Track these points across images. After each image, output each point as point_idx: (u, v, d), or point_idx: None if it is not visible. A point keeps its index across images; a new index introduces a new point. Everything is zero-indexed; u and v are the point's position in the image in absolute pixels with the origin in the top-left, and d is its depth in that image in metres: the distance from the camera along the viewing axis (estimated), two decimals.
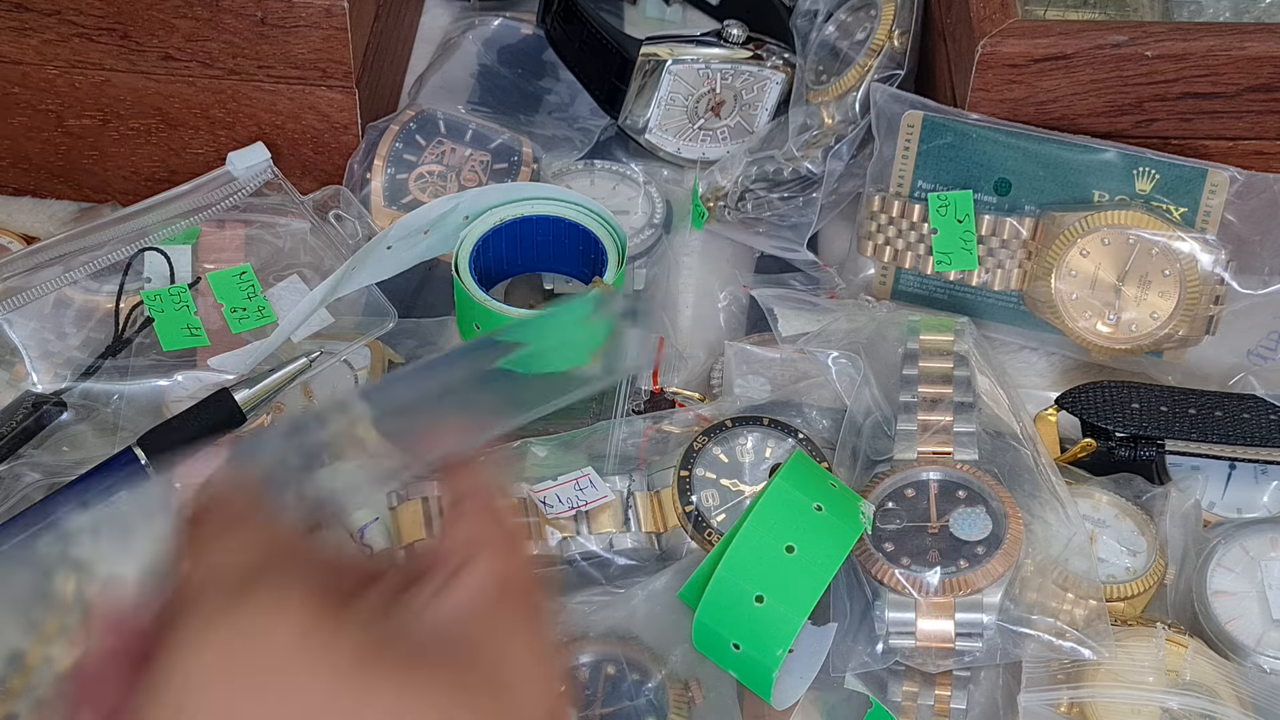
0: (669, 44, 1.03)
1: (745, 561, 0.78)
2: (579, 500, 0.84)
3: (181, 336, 0.91)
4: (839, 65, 1.03)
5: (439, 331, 0.97)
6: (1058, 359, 0.99)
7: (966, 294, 0.98)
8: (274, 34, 0.96)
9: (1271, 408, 0.90)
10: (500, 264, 0.97)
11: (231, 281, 0.93)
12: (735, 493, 0.87)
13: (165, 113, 1.00)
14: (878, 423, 0.88)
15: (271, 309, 0.92)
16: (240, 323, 0.91)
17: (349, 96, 0.99)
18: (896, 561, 0.81)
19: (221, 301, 0.92)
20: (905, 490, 0.84)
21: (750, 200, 1.02)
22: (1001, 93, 0.95)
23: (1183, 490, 0.88)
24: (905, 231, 0.97)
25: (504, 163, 1.02)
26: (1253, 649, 0.82)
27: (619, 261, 0.94)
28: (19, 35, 0.97)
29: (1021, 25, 0.94)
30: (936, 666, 0.81)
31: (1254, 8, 1.01)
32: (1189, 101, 0.95)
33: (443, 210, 0.94)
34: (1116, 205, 0.94)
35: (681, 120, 1.05)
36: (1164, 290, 0.93)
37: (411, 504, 0.83)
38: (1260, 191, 0.93)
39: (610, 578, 0.85)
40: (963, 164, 0.96)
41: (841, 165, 1.01)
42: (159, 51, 0.97)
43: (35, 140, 1.03)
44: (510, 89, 1.11)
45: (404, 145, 1.01)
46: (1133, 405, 0.90)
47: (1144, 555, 0.85)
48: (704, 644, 0.80)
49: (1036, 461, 0.86)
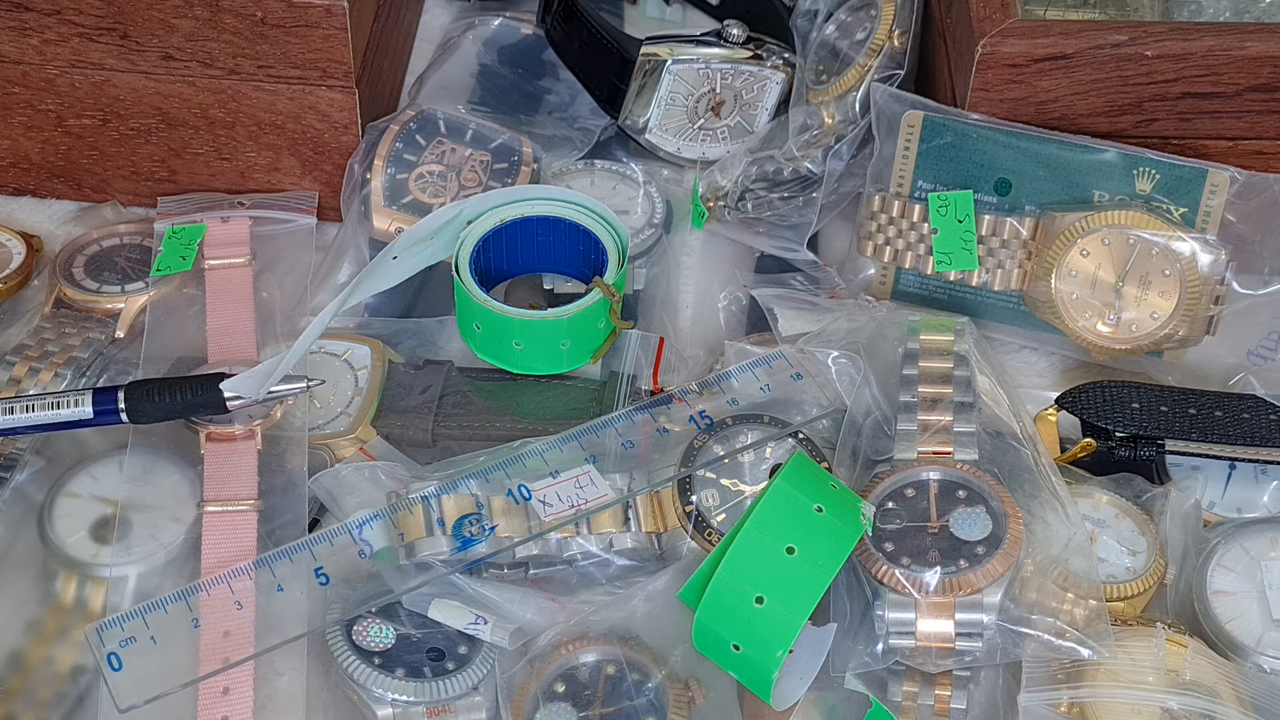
0: (669, 44, 1.03)
1: (745, 562, 0.78)
2: (579, 498, 0.84)
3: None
4: (839, 65, 1.03)
5: (439, 331, 0.97)
6: (1058, 359, 0.99)
7: (966, 294, 0.98)
8: (274, 34, 0.96)
9: (1271, 408, 0.90)
10: (500, 264, 0.97)
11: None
12: (735, 493, 0.87)
13: (165, 113, 1.00)
14: (878, 423, 0.89)
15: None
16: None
17: (349, 96, 0.99)
18: (896, 561, 0.81)
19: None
20: (905, 490, 0.84)
21: (750, 200, 1.02)
22: (1001, 93, 0.95)
23: (1183, 490, 0.88)
24: (905, 231, 0.97)
25: (504, 163, 1.02)
26: (1253, 649, 0.82)
27: (619, 261, 0.94)
28: (19, 35, 0.97)
29: (1021, 25, 0.94)
30: (936, 666, 0.81)
31: (1254, 8, 1.01)
32: (1189, 101, 0.95)
33: (446, 218, 0.94)
34: (1116, 205, 0.94)
35: (681, 120, 1.05)
36: (1164, 290, 0.93)
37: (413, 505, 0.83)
38: (1260, 191, 0.93)
39: (610, 578, 0.86)
40: (963, 164, 0.96)
41: (841, 165, 1.01)
42: (159, 51, 0.97)
43: (35, 140, 1.03)
44: (510, 89, 1.11)
45: (404, 145, 1.01)
46: (1133, 405, 0.90)
47: (1144, 555, 0.85)
48: (704, 644, 0.80)
49: (1036, 461, 0.86)
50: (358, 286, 0.91)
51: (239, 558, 0.83)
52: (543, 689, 0.80)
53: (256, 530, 0.86)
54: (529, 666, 0.81)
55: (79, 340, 0.94)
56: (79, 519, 0.87)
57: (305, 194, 1.03)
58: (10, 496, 0.88)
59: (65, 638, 0.84)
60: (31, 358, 0.93)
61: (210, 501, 0.86)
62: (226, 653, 0.80)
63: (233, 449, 0.89)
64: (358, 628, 0.82)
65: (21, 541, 0.87)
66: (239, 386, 0.87)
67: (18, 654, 0.83)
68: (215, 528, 0.85)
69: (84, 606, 0.85)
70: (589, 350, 0.94)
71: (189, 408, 0.88)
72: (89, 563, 0.85)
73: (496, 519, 0.83)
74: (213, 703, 0.80)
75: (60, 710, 0.82)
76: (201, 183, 1.04)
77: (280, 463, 0.88)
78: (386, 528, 0.83)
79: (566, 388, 0.94)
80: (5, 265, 0.99)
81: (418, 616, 0.82)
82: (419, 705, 0.80)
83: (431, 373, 0.94)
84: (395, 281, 0.95)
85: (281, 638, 0.81)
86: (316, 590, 0.82)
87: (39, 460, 0.89)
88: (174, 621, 0.80)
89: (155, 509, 0.87)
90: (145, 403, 0.87)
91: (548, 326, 0.92)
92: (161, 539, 0.86)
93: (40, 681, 0.83)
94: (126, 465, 0.88)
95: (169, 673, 0.79)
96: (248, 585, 0.81)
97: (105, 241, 1.01)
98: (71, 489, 0.88)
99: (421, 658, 0.81)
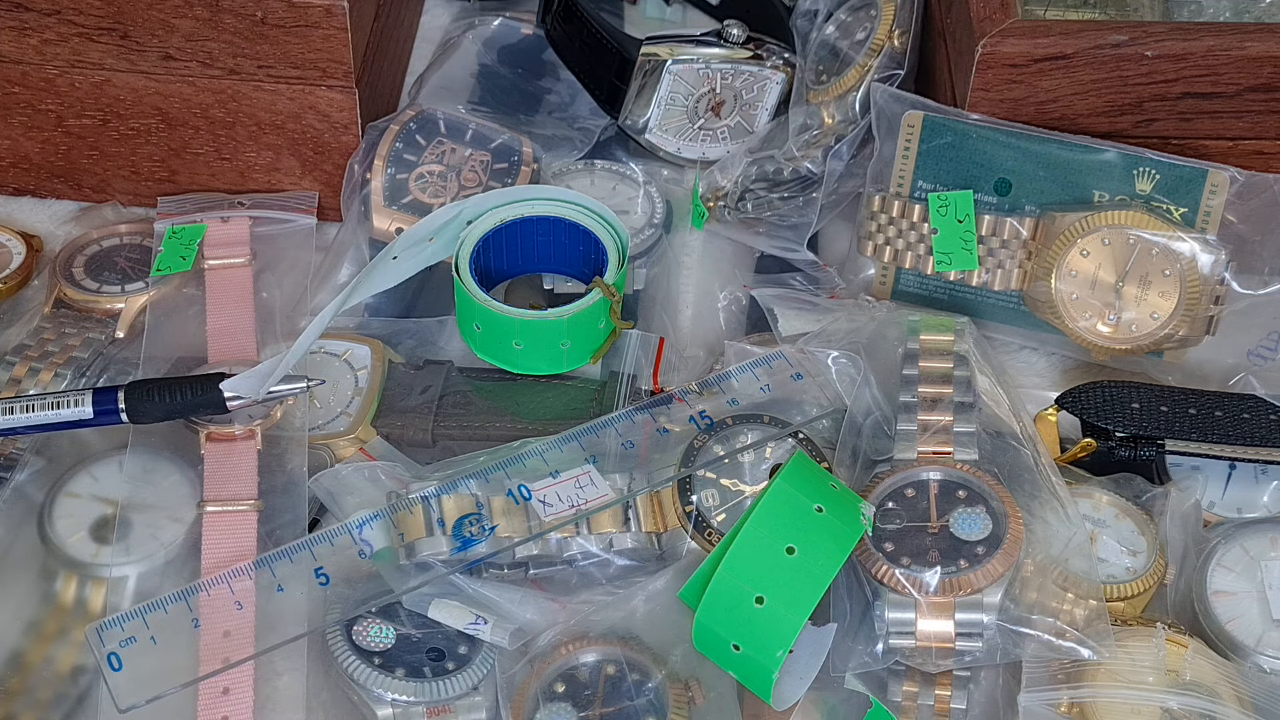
0: (669, 44, 1.03)
1: (745, 562, 0.78)
2: (579, 498, 0.84)
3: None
4: (839, 65, 1.03)
5: (439, 331, 0.97)
6: (1058, 359, 0.99)
7: (966, 294, 0.98)
8: (274, 34, 0.96)
9: (1271, 408, 0.90)
10: (500, 264, 0.97)
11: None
12: (735, 493, 0.87)
13: (165, 113, 1.00)
14: (878, 423, 0.89)
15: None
16: None
17: (349, 96, 0.99)
18: (896, 561, 0.81)
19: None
20: (905, 490, 0.84)
21: (750, 200, 1.02)
22: (1001, 93, 0.95)
23: (1183, 490, 0.88)
24: (905, 231, 0.97)
25: (504, 163, 1.02)
26: (1253, 649, 0.82)
27: (619, 261, 0.94)
28: (19, 35, 0.97)
29: (1021, 25, 0.94)
30: (936, 666, 0.81)
31: (1254, 8, 1.01)
32: (1189, 101, 0.95)
33: (446, 218, 0.94)
34: (1117, 205, 0.94)
35: (681, 120, 1.05)
36: (1164, 290, 0.93)
37: (413, 505, 0.83)
38: (1260, 191, 0.93)
39: (610, 578, 0.85)
40: (963, 164, 0.96)
41: (841, 165, 1.01)
42: (159, 51, 0.97)
43: (35, 140, 1.03)
44: (510, 89, 1.11)
45: (404, 145, 1.01)
46: (1133, 405, 0.90)
47: (1144, 555, 0.85)
48: (704, 644, 0.80)
49: (1036, 461, 0.86)
50: (358, 286, 0.91)
51: (239, 558, 0.83)
52: (543, 689, 0.80)
53: (256, 530, 0.86)
54: (529, 666, 0.81)
55: (79, 340, 0.94)
56: (79, 519, 0.87)
57: (305, 194, 1.03)
58: (10, 496, 0.88)
59: (65, 638, 0.84)
60: (31, 358, 0.93)
61: (210, 501, 0.86)
62: (226, 653, 0.80)
63: (233, 449, 0.89)
64: (358, 628, 0.82)
65: (21, 541, 0.87)
66: (239, 386, 0.87)
67: (18, 654, 0.83)
68: (215, 528, 0.86)
69: (84, 606, 0.85)
70: (589, 350, 0.94)
71: (189, 408, 0.88)
72: (89, 563, 0.85)
73: (496, 519, 0.83)
74: (213, 703, 0.80)
75: (60, 710, 0.82)
76: (201, 183, 1.04)
77: (280, 463, 0.88)
78: (386, 528, 0.83)
79: (566, 388, 0.94)
80: (5, 265, 0.99)
81: (418, 616, 0.82)
82: (419, 705, 0.80)
83: (431, 373, 0.94)
84: (395, 281, 0.95)
85: (281, 638, 0.81)
86: (316, 590, 0.82)
87: (39, 460, 0.89)
88: (174, 621, 0.80)
89: (155, 509, 0.87)
90: (145, 403, 0.87)
91: (548, 326, 0.92)
92: (161, 539, 0.86)
93: (40, 681, 0.83)
94: (126, 465, 0.88)
95: (169, 673, 0.79)
96: (248, 585, 0.81)
97: (105, 241, 1.01)
98: (71, 489, 0.88)
99: (421, 658, 0.81)
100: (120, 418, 0.87)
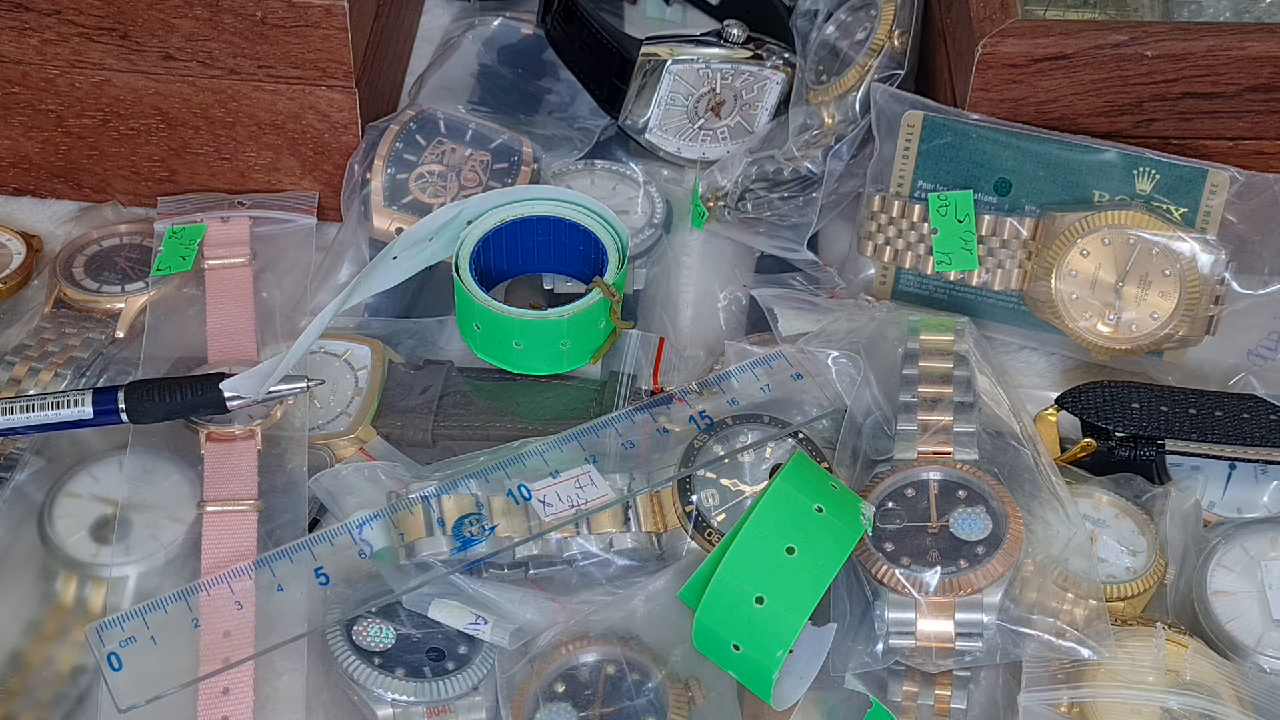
0: (669, 44, 1.03)
1: (745, 562, 0.78)
2: (579, 498, 0.84)
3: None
4: (839, 65, 1.03)
5: (439, 331, 0.97)
6: (1058, 359, 0.99)
7: (966, 294, 0.98)
8: (274, 34, 0.96)
9: (1271, 408, 0.90)
10: (500, 264, 0.97)
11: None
12: (735, 493, 0.87)
13: (165, 113, 1.00)
14: (878, 423, 0.89)
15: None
16: None
17: (349, 96, 0.99)
18: (896, 561, 0.81)
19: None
20: (905, 490, 0.84)
21: (750, 200, 1.02)
22: (1001, 93, 0.95)
23: (1183, 490, 0.88)
24: (905, 231, 0.97)
25: (504, 163, 1.02)
26: (1253, 649, 0.82)
27: (619, 261, 0.94)
28: (19, 35, 0.97)
29: (1021, 25, 0.94)
30: (936, 666, 0.81)
31: (1254, 8, 1.01)
32: (1189, 101, 0.95)
33: (446, 218, 0.94)
34: (1117, 205, 0.94)
35: (681, 120, 1.05)
36: (1164, 290, 0.93)
37: (413, 505, 0.83)
38: (1260, 191, 0.93)
39: (610, 578, 0.85)
40: (963, 164, 0.96)
41: (841, 165, 1.01)
42: (159, 51, 0.97)
43: (35, 140, 1.03)
44: (510, 89, 1.11)
45: (404, 145, 1.01)
46: (1133, 405, 0.90)
47: (1144, 555, 0.85)
48: (704, 644, 0.80)
49: (1036, 461, 0.86)
50: (358, 286, 0.91)
51: (239, 558, 0.83)
52: (543, 689, 0.80)
53: (256, 530, 0.86)
54: (529, 666, 0.81)
55: (79, 340, 0.94)
56: (79, 519, 0.87)
57: (305, 194, 1.03)
58: (10, 496, 0.88)
59: (65, 638, 0.84)
60: (31, 358, 0.93)
61: (210, 501, 0.87)
62: (226, 653, 0.80)
63: (233, 449, 0.89)
64: (358, 628, 0.82)
65: (21, 541, 0.87)
66: (239, 386, 0.87)
67: (18, 654, 0.83)
68: (215, 528, 0.86)
69: (84, 606, 0.85)
70: (589, 350, 0.94)
71: (189, 408, 0.88)
72: (89, 563, 0.85)
73: (496, 519, 0.83)
74: (213, 703, 0.80)
75: (60, 710, 0.82)
76: (201, 183, 1.04)
77: (280, 463, 0.88)
78: (386, 528, 0.83)
79: (566, 388, 0.94)
80: (5, 265, 0.99)
81: (418, 616, 0.82)
82: (419, 705, 0.80)
83: (431, 373, 0.94)
84: (395, 281, 0.95)
85: (281, 638, 0.81)
86: (316, 590, 0.82)
87: (39, 460, 0.89)
88: (174, 621, 0.80)
89: (155, 509, 0.87)
90: (145, 403, 0.87)
91: (548, 326, 0.92)
92: (161, 539, 0.86)
93: (40, 681, 0.83)
94: (126, 465, 0.88)
95: (169, 673, 0.79)
96: (248, 585, 0.81)
97: (105, 241, 1.01)
98: (71, 489, 0.88)
99: (421, 658, 0.81)
100: (120, 418, 0.87)
